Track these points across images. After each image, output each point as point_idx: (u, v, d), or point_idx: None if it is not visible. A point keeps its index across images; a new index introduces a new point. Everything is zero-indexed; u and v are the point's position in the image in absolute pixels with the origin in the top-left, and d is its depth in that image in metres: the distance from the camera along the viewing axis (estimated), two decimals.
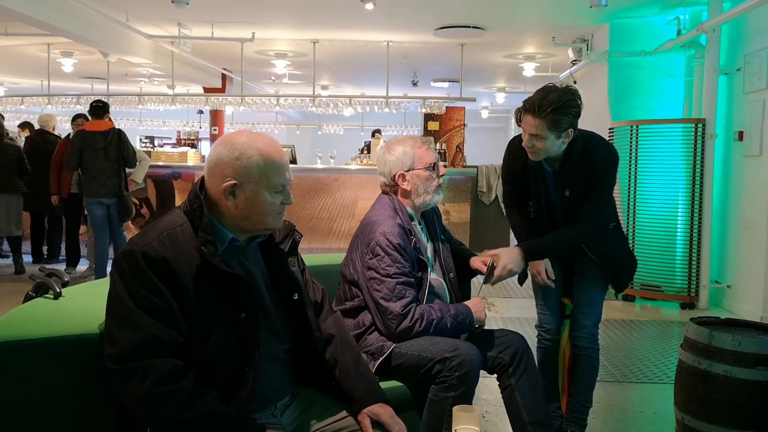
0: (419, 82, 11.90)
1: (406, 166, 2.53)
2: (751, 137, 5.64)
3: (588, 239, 2.73)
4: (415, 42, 8.61)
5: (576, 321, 2.84)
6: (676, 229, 6.13)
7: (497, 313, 5.68)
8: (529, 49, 9.10)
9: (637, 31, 6.97)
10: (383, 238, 2.40)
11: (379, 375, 2.34)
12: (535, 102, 2.47)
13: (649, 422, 3.40)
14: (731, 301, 5.97)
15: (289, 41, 8.84)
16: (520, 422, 2.43)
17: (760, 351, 2.59)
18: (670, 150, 6.12)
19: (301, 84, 12.66)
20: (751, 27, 5.72)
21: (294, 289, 1.85)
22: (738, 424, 2.59)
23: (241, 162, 1.68)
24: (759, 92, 5.53)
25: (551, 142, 2.53)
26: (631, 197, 6.37)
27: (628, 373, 4.14)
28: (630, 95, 7.07)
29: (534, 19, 7.44)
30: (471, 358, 2.25)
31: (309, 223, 8.25)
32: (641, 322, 5.60)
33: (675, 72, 6.92)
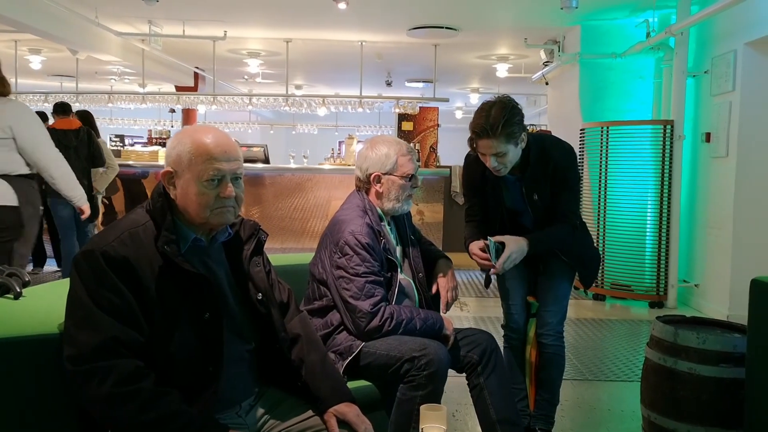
0: (393, 83, 11.91)
1: (385, 168, 2.53)
2: (718, 139, 5.73)
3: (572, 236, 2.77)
4: (388, 42, 8.61)
5: (542, 319, 2.86)
6: (645, 229, 6.21)
7: (469, 313, 5.70)
8: (502, 50, 9.16)
9: (607, 34, 7.05)
10: (352, 238, 2.40)
11: (348, 374, 2.34)
12: (485, 125, 2.53)
13: (617, 419, 3.43)
14: (699, 299, 6.06)
15: (262, 40, 8.79)
16: (489, 421, 2.44)
17: (724, 349, 2.63)
18: (640, 151, 6.19)
19: (274, 83, 12.60)
20: (718, 30, 5.82)
21: (258, 289, 1.83)
22: (702, 420, 2.63)
23: (176, 150, 1.69)
24: (726, 94, 5.62)
25: (513, 153, 2.60)
26: (601, 197, 6.43)
27: (597, 372, 4.18)
28: (601, 96, 7.14)
29: (506, 21, 7.49)
30: (439, 357, 2.25)
31: (282, 223, 8.20)
32: (611, 321, 5.66)
33: (645, 74, 7.00)
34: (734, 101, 5.49)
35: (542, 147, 2.70)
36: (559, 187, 2.71)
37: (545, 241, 2.70)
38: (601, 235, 6.43)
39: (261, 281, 1.86)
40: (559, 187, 2.71)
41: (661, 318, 2.92)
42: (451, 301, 2.63)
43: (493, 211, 2.84)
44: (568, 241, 2.77)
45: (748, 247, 5.44)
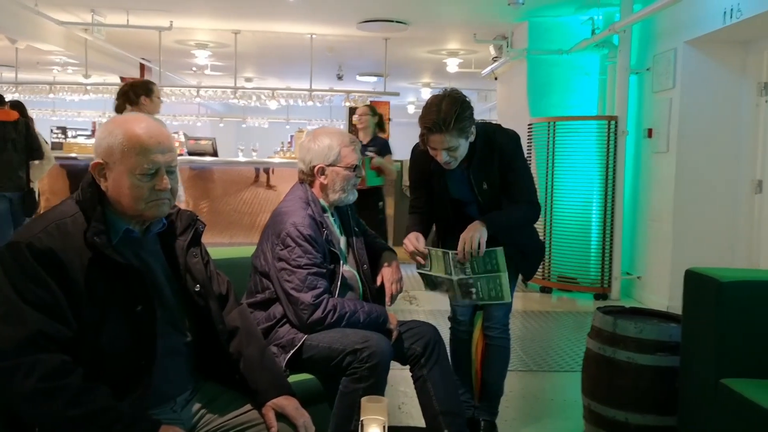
0: (345, 76, 11.85)
1: (329, 160, 2.51)
2: (659, 134, 5.88)
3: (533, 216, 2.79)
4: (339, 35, 8.57)
5: (488, 312, 2.89)
6: (590, 222, 6.33)
7: (419, 306, 5.72)
8: (452, 45, 9.21)
9: (554, 30, 7.15)
10: (294, 229, 2.38)
11: (290, 368, 2.32)
12: (437, 120, 2.51)
13: (559, 409, 3.50)
14: (641, 291, 6.21)
15: (210, 31, 8.64)
16: (432, 412, 2.45)
17: (660, 338, 2.70)
18: (585, 146, 6.30)
19: (224, 75, 12.41)
20: (659, 28, 5.96)
21: (196, 280, 1.80)
22: (639, 408, 2.70)
23: (107, 141, 1.64)
24: (667, 91, 5.76)
25: (463, 147, 2.60)
26: (548, 192, 6.53)
27: (542, 363, 4.25)
28: (548, 92, 7.24)
29: (456, 16, 7.52)
30: (382, 349, 2.25)
31: (231, 217, 8.10)
32: (557, 313, 5.76)
33: (590, 70, 7.13)
34: (674, 98, 5.64)
35: (486, 135, 2.71)
36: (508, 172, 2.71)
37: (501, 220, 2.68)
38: (548, 229, 6.53)
39: (199, 273, 1.82)
40: (507, 172, 2.71)
41: (601, 309, 2.98)
42: (395, 294, 2.62)
43: (438, 202, 2.85)
44: (530, 217, 2.78)
45: (687, 240, 5.60)
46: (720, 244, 5.53)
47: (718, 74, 5.49)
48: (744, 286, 2.40)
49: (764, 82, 5.25)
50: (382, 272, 2.65)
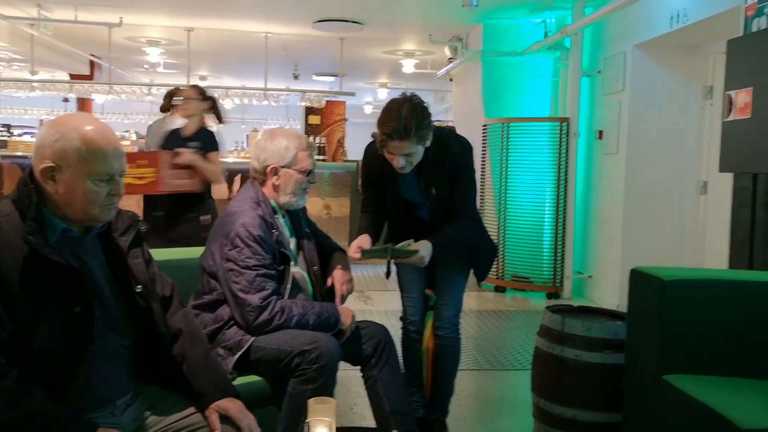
0: (301, 76, 11.77)
1: (284, 161, 2.49)
2: (609, 136, 5.99)
3: (473, 230, 2.82)
4: (294, 34, 8.50)
5: (438, 312, 2.90)
6: (543, 222, 6.41)
7: (373, 306, 5.72)
8: (408, 45, 9.23)
9: (508, 32, 7.22)
10: (243, 230, 2.35)
11: (238, 370, 2.29)
12: (398, 128, 2.51)
13: (510, 407, 3.53)
14: (592, 290, 6.32)
15: (162, 28, 8.48)
16: (382, 412, 2.45)
17: (607, 336, 2.74)
18: (538, 147, 6.39)
19: (177, 74, 12.20)
20: (609, 32, 6.08)
21: (138, 281, 1.76)
22: (587, 405, 2.73)
23: (60, 144, 1.59)
24: (616, 94, 5.88)
25: (419, 153, 2.62)
26: (502, 192, 6.60)
27: (494, 361, 4.28)
28: (502, 93, 7.31)
29: (411, 17, 7.54)
30: (330, 350, 2.23)
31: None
32: (510, 312, 5.82)
33: (543, 72, 7.23)
34: (624, 100, 5.75)
35: (440, 141, 2.72)
36: (457, 181, 2.75)
37: (447, 242, 2.71)
38: (502, 229, 6.59)
39: (140, 273, 1.79)
40: (456, 181, 2.74)
41: (550, 308, 3.01)
42: (345, 294, 2.61)
43: (390, 203, 2.86)
44: (469, 236, 2.81)
45: (636, 240, 5.71)
46: (668, 244, 5.66)
47: (665, 78, 5.63)
48: (686, 285, 2.46)
49: (710, 86, 5.39)
50: (332, 273, 2.63)
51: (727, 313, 2.47)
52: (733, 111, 3.68)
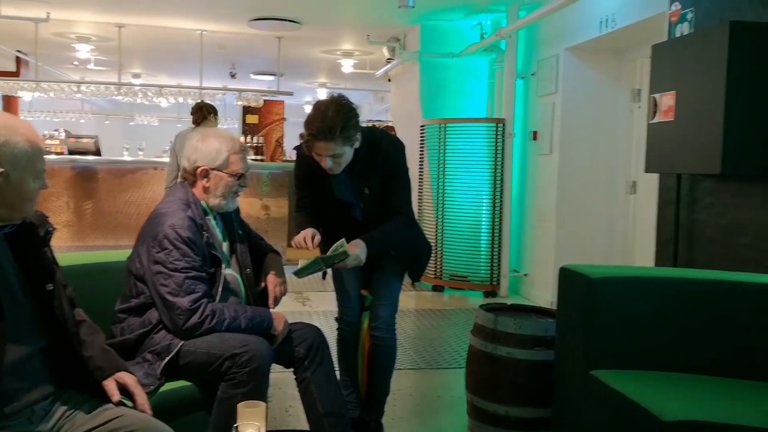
0: (238, 75, 11.60)
1: (215, 164, 2.43)
2: (543, 137, 6.12)
3: (410, 228, 2.82)
4: (230, 32, 8.37)
5: (374, 312, 2.90)
6: (480, 222, 6.50)
7: (311, 307, 5.68)
8: (346, 45, 9.21)
9: (446, 34, 7.29)
10: (172, 231, 2.29)
11: (166, 375, 2.24)
12: (322, 128, 2.50)
13: (446, 405, 3.56)
14: (528, 288, 6.44)
15: (92, 24, 8.22)
16: (315, 414, 2.43)
17: (538, 333, 2.80)
18: (475, 147, 6.47)
19: (109, 71, 11.85)
20: (543, 35, 6.21)
21: (49, 280, 1.73)
22: (518, 401, 2.78)
23: (8, 149, 1.59)
24: (550, 95, 6.01)
25: (348, 154, 2.62)
26: (440, 192, 6.66)
27: (431, 360, 4.31)
28: (440, 94, 7.38)
29: (349, 16, 7.53)
30: (261, 353, 2.20)
31: (116, 219, 7.76)
32: (448, 311, 5.88)
33: (479, 74, 7.32)
34: (557, 102, 5.89)
35: (371, 141, 2.73)
36: (390, 180, 2.75)
37: (383, 240, 2.71)
38: (440, 229, 6.65)
39: (50, 272, 1.76)
40: (389, 180, 2.75)
41: (483, 306, 3.06)
42: (279, 296, 2.58)
43: (324, 204, 2.84)
44: (405, 234, 2.81)
45: (569, 238, 5.85)
46: (599, 242, 5.82)
47: (596, 80, 5.78)
48: (612, 282, 2.53)
49: (637, 89, 5.56)
50: (266, 275, 2.60)
51: (652, 309, 2.55)
52: (658, 113, 3.81)
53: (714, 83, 3.31)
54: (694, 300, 2.56)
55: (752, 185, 3.51)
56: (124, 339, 2.31)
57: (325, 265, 2.53)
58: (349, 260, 2.55)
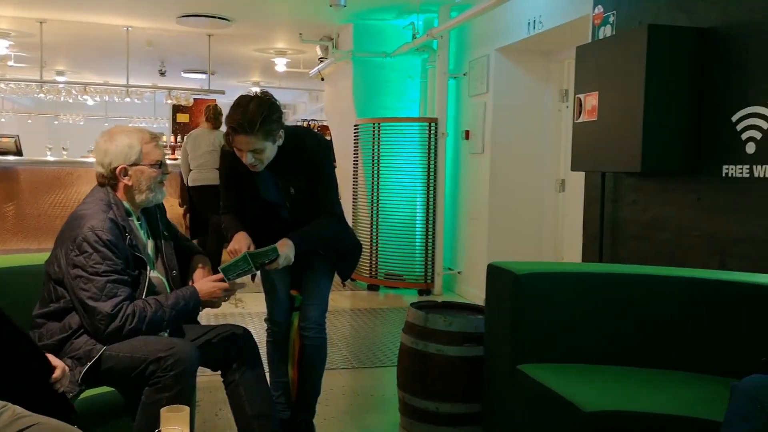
0: (169, 73, 11.34)
1: (130, 160, 2.36)
2: (475, 136, 6.20)
3: (339, 226, 2.80)
4: (158, 29, 8.16)
5: (304, 312, 2.87)
6: (415, 220, 6.55)
7: (244, 309, 5.59)
8: (279, 44, 9.11)
9: (379, 33, 7.30)
10: (92, 234, 2.21)
11: (88, 382, 2.16)
12: (242, 121, 2.48)
13: (378, 404, 3.56)
14: (461, 285, 6.52)
15: (10, 19, 7.86)
16: (244, 416, 2.40)
17: (467, 329, 2.83)
18: (409, 147, 6.51)
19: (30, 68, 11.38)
20: (474, 35, 6.29)
21: None
22: (449, 397, 2.81)
23: None
24: (481, 95, 6.10)
25: (270, 150, 2.58)
26: (374, 191, 6.67)
27: (365, 359, 4.31)
28: (374, 94, 7.38)
29: (280, 15, 7.45)
30: (187, 356, 2.15)
31: (38, 221, 7.47)
32: (383, 310, 5.89)
33: (413, 74, 7.37)
34: (488, 102, 5.98)
35: (296, 139, 2.71)
36: (316, 179, 2.73)
37: (311, 238, 2.70)
38: (375, 227, 6.67)
39: None
40: (316, 179, 2.73)
41: (414, 304, 3.07)
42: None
43: (250, 204, 2.80)
44: (333, 233, 2.80)
45: (500, 236, 5.95)
46: (530, 239, 5.94)
47: (525, 81, 5.90)
48: (537, 278, 2.58)
49: (565, 90, 5.71)
50: (193, 277, 2.54)
51: (576, 303, 2.62)
52: (583, 113, 3.92)
53: (634, 84, 3.42)
54: (616, 294, 2.64)
55: (671, 182, 3.64)
56: (43, 344, 2.21)
57: (254, 263, 2.46)
58: (280, 260, 2.52)
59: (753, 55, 3.15)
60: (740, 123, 3.19)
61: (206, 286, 2.37)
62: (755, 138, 3.11)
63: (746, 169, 3.15)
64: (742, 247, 3.18)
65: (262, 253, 2.47)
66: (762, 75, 3.09)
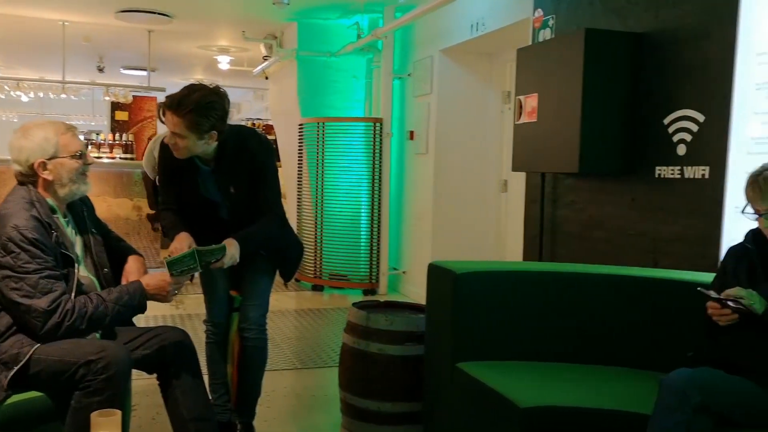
0: (108, 69, 11.01)
1: (48, 154, 2.27)
2: (420, 137, 6.24)
3: (282, 227, 2.79)
4: (95, 24, 7.92)
5: (244, 313, 2.84)
6: (360, 220, 6.54)
7: (184, 311, 5.49)
8: (222, 41, 8.97)
9: (324, 32, 7.27)
10: (16, 233, 2.13)
11: (14, 387, 2.08)
12: (176, 99, 2.45)
13: (320, 404, 3.55)
14: (406, 285, 6.55)
15: None
16: (180, 420, 2.35)
17: (409, 328, 2.84)
18: (354, 147, 6.51)
19: None
20: (418, 36, 6.33)
21: None
22: (390, 396, 2.82)
23: None
24: (425, 96, 6.14)
25: (193, 143, 2.52)
26: (319, 191, 6.64)
27: (308, 360, 4.29)
28: (319, 93, 7.34)
29: (223, 12, 7.33)
30: (119, 358, 2.09)
31: None
32: (327, 310, 5.87)
33: (358, 73, 7.35)
34: (432, 103, 6.02)
35: (239, 139, 2.69)
36: (258, 180, 2.71)
37: (256, 239, 2.67)
38: (319, 228, 6.64)
39: None
40: (258, 180, 2.71)
41: (356, 304, 3.07)
42: None
43: (190, 201, 2.75)
44: (277, 234, 2.78)
45: (444, 235, 6.00)
46: (473, 239, 6.00)
47: (469, 82, 5.96)
48: (477, 277, 2.61)
49: (507, 91, 5.79)
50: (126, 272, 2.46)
51: (514, 302, 2.65)
52: (523, 115, 3.99)
53: (571, 87, 3.49)
54: (554, 292, 2.69)
55: (608, 183, 3.74)
56: None
57: (200, 259, 2.39)
58: (226, 259, 2.48)
59: (684, 60, 3.25)
60: (672, 126, 3.30)
61: (153, 279, 2.31)
62: (685, 140, 3.22)
63: (677, 171, 3.25)
64: (674, 245, 3.28)
65: (209, 252, 2.43)
66: (692, 79, 3.20)
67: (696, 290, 2.08)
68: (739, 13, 2.88)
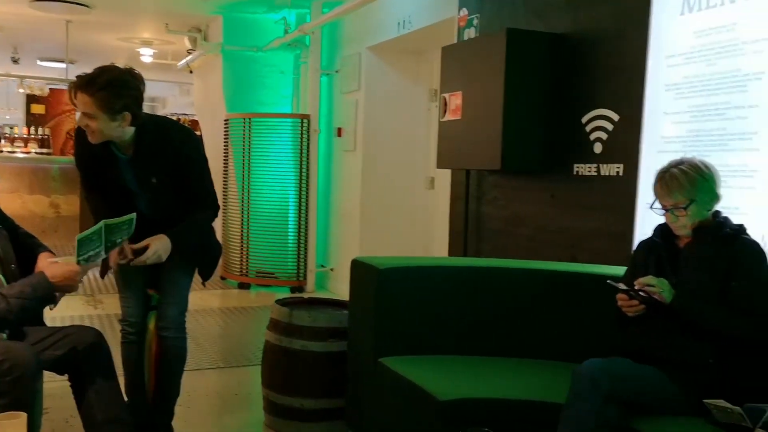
0: (23, 60, 10.53)
1: None
2: (347, 134, 6.23)
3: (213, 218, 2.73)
4: (9, 13, 7.56)
5: (162, 311, 2.76)
6: (287, 217, 6.48)
7: (103, 311, 5.31)
8: (144, 33, 8.71)
9: (250, 27, 7.15)
10: None
11: None
12: (86, 78, 2.35)
13: (243, 403, 3.50)
14: (334, 282, 6.54)
15: None
16: (94, 422, 2.27)
17: (332, 324, 2.83)
18: (281, 143, 6.45)
19: None
20: (346, 33, 6.32)
21: None
22: (313, 393, 2.80)
23: None
24: (353, 93, 6.13)
25: (105, 124, 2.41)
26: (245, 187, 6.54)
27: (231, 359, 4.22)
28: (246, 88, 7.23)
29: (144, 2, 7.10)
30: (25, 360, 2.00)
31: None
32: (254, 308, 5.79)
33: (285, 69, 7.27)
34: (360, 99, 6.02)
35: (159, 129, 2.61)
36: (192, 177, 2.64)
37: (191, 235, 2.61)
38: (246, 225, 6.54)
39: None
40: (191, 177, 2.64)
41: (279, 301, 3.04)
42: None
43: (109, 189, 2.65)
44: (207, 228, 2.74)
45: (372, 232, 6.02)
46: (401, 236, 6.03)
47: (396, 80, 5.99)
48: (400, 272, 2.62)
49: (434, 89, 5.84)
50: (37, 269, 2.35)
51: (437, 297, 2.68)
52: (448, 112, 4.03)
53: (494, 85, 3.55)
54: (476, 287, 2.73)
55: (529, 180, 3.83)
56: None
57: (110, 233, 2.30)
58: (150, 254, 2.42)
59: (599, 60, 3.36)
60: (589, 124, 3.40)
61: (59, 269, 2.18)
62: (602, 138, 3.33)
63: (594, 168, 3.36)
64: (591, 240, 3.39)
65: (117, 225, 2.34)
66: (608, 79, 3.31)
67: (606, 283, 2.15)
68: (650, 17, 2.99)
